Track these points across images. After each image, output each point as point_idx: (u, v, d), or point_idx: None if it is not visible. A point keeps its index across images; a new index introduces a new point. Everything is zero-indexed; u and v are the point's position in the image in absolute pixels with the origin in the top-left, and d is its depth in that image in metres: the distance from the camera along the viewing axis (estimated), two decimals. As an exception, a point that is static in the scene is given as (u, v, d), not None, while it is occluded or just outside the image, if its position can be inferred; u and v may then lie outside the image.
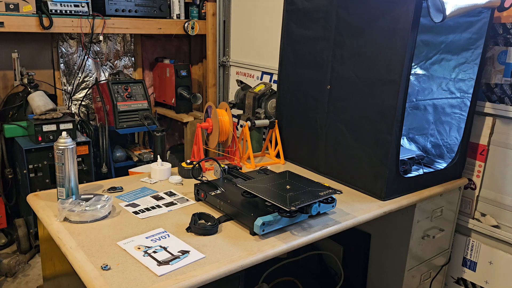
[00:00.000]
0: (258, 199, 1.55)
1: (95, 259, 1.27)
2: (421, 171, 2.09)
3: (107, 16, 2.95)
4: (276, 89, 2.42)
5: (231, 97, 3.36)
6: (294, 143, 2.28)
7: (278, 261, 1.54)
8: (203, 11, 3.43)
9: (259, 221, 1.42)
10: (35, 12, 2.65)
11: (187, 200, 1.73)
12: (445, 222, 2.10)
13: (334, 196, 1.60)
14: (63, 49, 3.22)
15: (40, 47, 3.12)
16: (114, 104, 2.95)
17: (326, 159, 2.07)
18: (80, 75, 3.33)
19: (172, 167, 2.00)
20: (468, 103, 2.07)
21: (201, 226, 1.48)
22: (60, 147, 1.56)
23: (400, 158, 1.82)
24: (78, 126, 3.01)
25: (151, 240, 1.39)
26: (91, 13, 2.89)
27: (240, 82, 2.81)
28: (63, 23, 2.77)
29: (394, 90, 1.71)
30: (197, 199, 1.72)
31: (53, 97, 2.89)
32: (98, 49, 3.39)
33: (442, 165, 2.19)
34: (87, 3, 2.86)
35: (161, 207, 1.65)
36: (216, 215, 1.57)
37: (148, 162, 3.03)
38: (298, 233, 1.50)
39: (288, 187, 1.60)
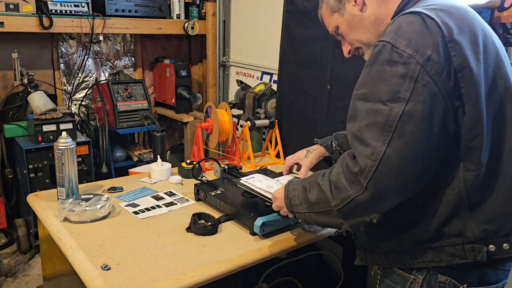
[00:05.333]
0: (258, 199, 1.55)
1: (95, 259, 1.27)
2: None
3: (107, 16, 2.95)
4: (276, 89, 2.42)
5: (231, 97, 3.36)
6: (294, 143, 2.28)
7: (278, 261, 1.53)
8: (203, 11, 3.43)
9: (259, 221, 1.42)
10: (35, 12, 2.65)
11: (187, 200, 1.73)
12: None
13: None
14: (63, 49, 3.22)
15: (40, 47, 3.11)
16: (114, 104, 2.95)
17: (326, 159, 2.07)
18: (80, 75, 3.33)
19: (172, 167, 2.00)
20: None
21: (201, 226, 1.48)
22: (60, 147, 1.56)
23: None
24: (78, 126, 3.01)
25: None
26: (91, 13, 2.88)
27: (240, 82, 2.81)
28: (63, 23, 2.77)
29: (394, 90, 1.71)
30: (197, 199, 1.72)
31: (53, 97, 2.89)
32: (98, 49, 3.39)
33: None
34: (87, 3, 2.85)
35: (161, 207, 1.65)
36: (216, 215, 1.57)
37: (148, 162, 3.03)
38: (298, 233, 1.50)
39: (288, 187, 1.60)
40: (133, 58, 3.59)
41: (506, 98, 0.97)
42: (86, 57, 3.29)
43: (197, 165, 1.87)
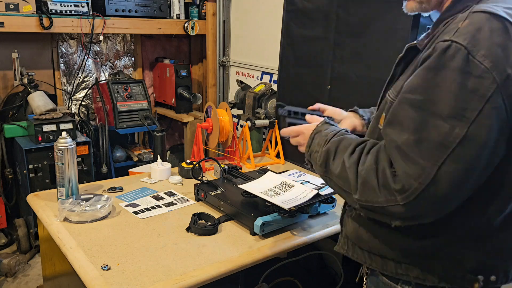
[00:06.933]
0: (258, 199, 1.55)
1: (95, 259, 1.27)
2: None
3: (107, 16, 2.95)
4: (276, 89, 2.42)
5: (231, 97, 3.36)
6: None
7: (278, 261, 1.53)
8: (203, 11, 3.43)
9: (259, 221, 1.42)
10: (35, 12, 2.65)
11: (187, 200, 1.73)
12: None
13: (334, 196, 1.60)
14: (63, 49, 3.22)
15: (40, 47, 3.11)
16: (114, 104, 2.95)
17: (326, 159, 2.07)
18: (80, 75, 3.33)
19: (172, 167, 2.00)
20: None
21: (201, 226, 1.48)
22: (60, 147, 1.56)
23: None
24: (78, 126, 3.01)
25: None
26: (91, 13, 2.88)
27: (240, 82, 2.81)
28: (63, 23, 2.77)
29: (394, 90, 1.71)
30: (197, 199, 1.72)
31: (53, 97, 2.89)
32: (98, 49, 3.39)
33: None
34: (87, 3, 2.85)
35: (161, 207, 1.65)
36: (216, 215, 1.57)
37: (148, 162, 3.03)
38: (298, 233, 1.50)
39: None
40: (133, 58, 3.59)
41: None
42: (86, 57, 3.29)
43: (197, 165, 1.87)
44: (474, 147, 0.76)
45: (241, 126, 2.31)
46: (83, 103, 3.36)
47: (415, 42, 0.99)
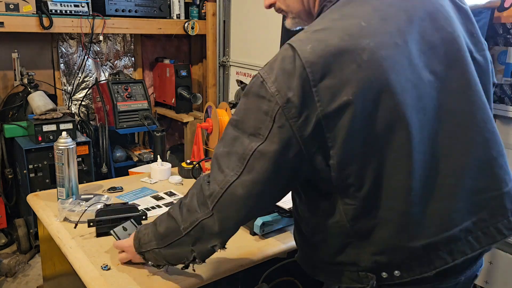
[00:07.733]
0: (258, 199, 1.55)
1: (95, 259, 1.27)
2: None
3: (107, 16, 2.95)
4: (276, 89, 2.42)
5: (231, 97, 3.36)
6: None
7: (278, 261, 1.53)
8: (203, 11, 3.43)
9: (259, 221, 1.42)
10: (35, 12, 2.65)
11: (187, 200, 1.73)
12: (445, 222, 2.09)
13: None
14: (63, 49, 3.22)
15: (40, 47, 3.12)
16: (114, 104, 2.95)
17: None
18: (80, 75, 3.33)
19: (172, 167, 2.00)
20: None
21: (201, 226, 1.47)
22: (60, 147, 1.56)
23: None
24: (78, 126, 3.01)
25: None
26: (91, 13, 2.89)
27: (240, 82, 2.81)
28: (63, 23, 2.77)
29: (394, 90, 1.70)
30: (197, 199, 1.71)
31: (53, 97, 2.89)
32: (98, 49, 3.39)
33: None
34: (87, 3, 2.86)
35: (161, 207, 1.65)
36: (216, 215, 1.57)
37: (148, 162, 3.03)
38: (298, 233, 1.49)
39: (288, 187, 1.60)
40: (133, 58, 3.59)
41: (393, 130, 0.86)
42: (86, 57, 3.29)
43: (197, 165, 1.87)
44: (264, 160, 0.87)
45: (241, 126, 2.30)
46: (83, 103, 3.36)
47: None
